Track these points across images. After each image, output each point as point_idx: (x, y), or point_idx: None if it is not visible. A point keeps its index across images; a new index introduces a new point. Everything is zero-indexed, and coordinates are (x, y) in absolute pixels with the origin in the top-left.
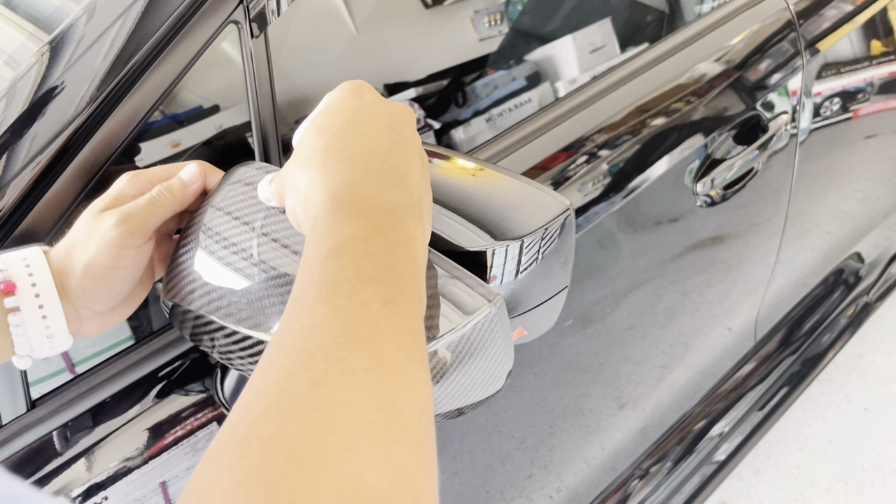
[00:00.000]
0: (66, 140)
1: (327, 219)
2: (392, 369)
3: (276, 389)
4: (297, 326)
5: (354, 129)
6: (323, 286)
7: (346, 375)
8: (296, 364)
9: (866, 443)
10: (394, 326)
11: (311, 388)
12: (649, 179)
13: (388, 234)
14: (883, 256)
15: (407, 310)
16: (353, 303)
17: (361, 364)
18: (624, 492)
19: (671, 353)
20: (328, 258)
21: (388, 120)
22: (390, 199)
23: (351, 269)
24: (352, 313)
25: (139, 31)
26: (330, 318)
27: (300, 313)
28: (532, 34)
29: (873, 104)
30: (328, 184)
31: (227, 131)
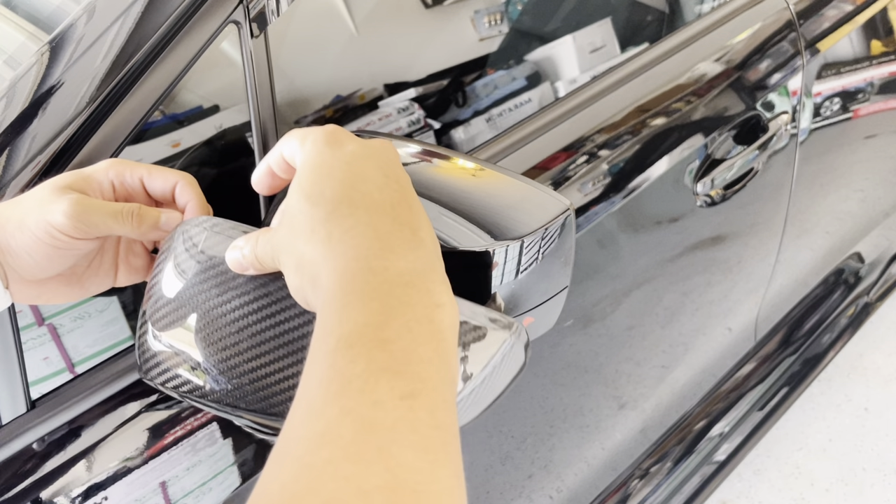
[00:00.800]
0: (65, 140)
1: (336, 303)
2: (413, 483)
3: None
4: (302, 433)
5: (352, 190)
6: (331, 384)
7: (358, 497)
8: (301, 483)
9: (866, 443)
10: (414, 426)
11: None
12: (649, 179)
13: (405, 313)
14: (883, 256)
15: (430, 402)
16: (365, 403)
17: (375, 482)
18: (624, 492)
19: (671, 353)
20: (337, 350)
21: (380, 167)
22: (408, 267)
23: (362, 362)
24: (363, 416)
25: (139, 31)
26: (338, 423)
27: (306, 418)
28: (532, 34)
29: (873, 104)
30: (335, 261)
31: (226, 131)
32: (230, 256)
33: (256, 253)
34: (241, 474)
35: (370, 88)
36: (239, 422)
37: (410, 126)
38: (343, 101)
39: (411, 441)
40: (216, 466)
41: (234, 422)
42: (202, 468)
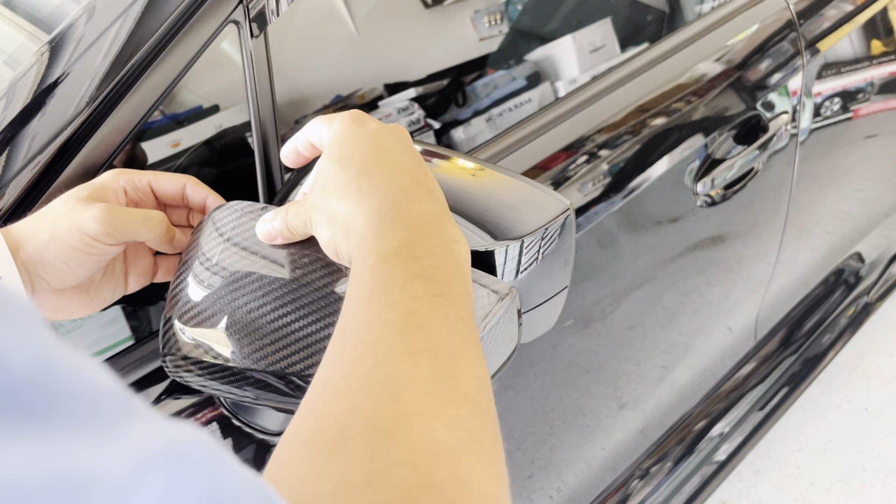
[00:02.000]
0: (65, 140)
1: (372, 233)
2: (449, 349)
3: (343, 374)
4: (354, 323)
5: (377, 155)
6: (375, 288)
7: (406, 356)
8: (358, 352)
9: (866, 443)
10: (446, 315)
11: (375, 369)
12: (649, 179)
13: (430, 241)
14: (883, 256)
15: (457, 302)
16: (405, 297)
17: (420, 346)
18: (624, 492)
19: (671, 353)
20: (377, 265)
21: (398, 140)
22: (428, 210)
23: (399, 271)
24: (405, 306)
25: (139, 31)
26: (385, 311)
27: (356, 312)
28: (532, 34)
29: (873, 104)
30: (367, 206)
31: (226, 131)
32: (260, 228)
33: (287, 221)
34: None
35: (370, 88)
36: (251, 397)
37: (410, 126)
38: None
39: (445, 324)
40: None
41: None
42: None
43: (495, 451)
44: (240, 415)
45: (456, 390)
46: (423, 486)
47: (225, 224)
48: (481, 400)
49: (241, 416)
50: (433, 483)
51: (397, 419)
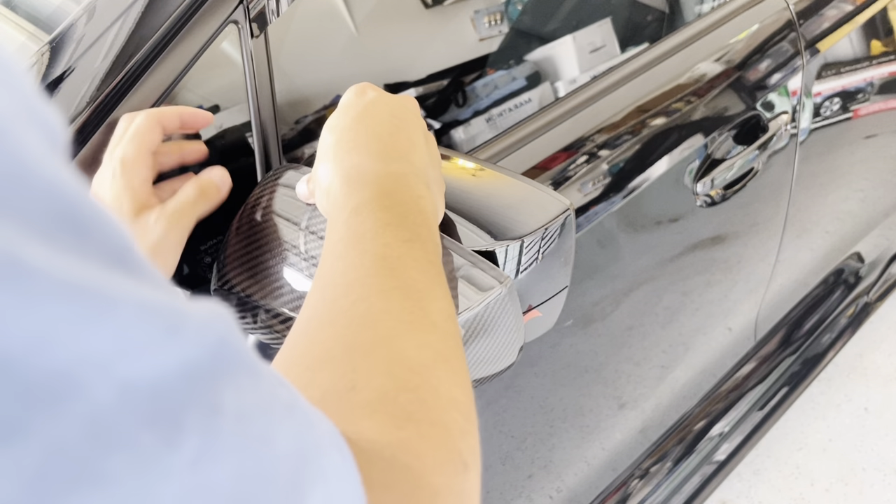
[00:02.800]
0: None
1: (343, 191)
2: (417, 287)
3: (325, 310)
4: (333, 270)
5: (359, 122)
6: (349, 238)
7: (380, 293)
8: (338, 292)
9: (866, 443)
10: (415, 258)
11: (352, 306)
12: (649, 179)
13: (396, 195)
14: (883, 256)
15: (424, 247)
16: (377, 244)
17: (392, 284)
18: (624, 492)
19: (671, 353)
20: (349, 218)
21: (391, 110)
22: (395, 170)
23: (370, 221)
24: (377, 252)
25: (139, 31)
26: (359, 259)
27: (334, 261)
28: (532, 34)
29: (873, 104)
30: (341, 169)
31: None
32: (298, 190)
33: (309, 184)
34: None
35: None
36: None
37: None
38: None
39: (414, 266)
40: None
41: None
42: None
43: (461, 369)
44: None
45: (425, 319)
46: (399, 388)
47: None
48: (447, 328)
49: None
50: (408, 387)
51: (374, 342)
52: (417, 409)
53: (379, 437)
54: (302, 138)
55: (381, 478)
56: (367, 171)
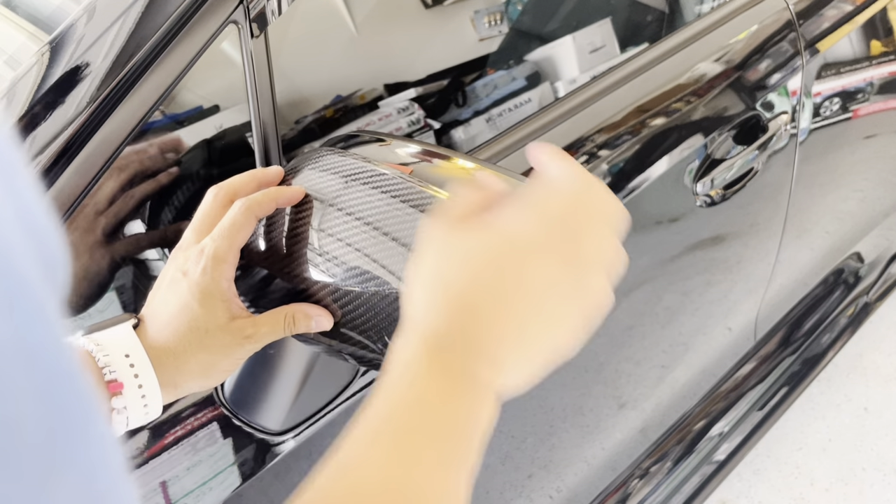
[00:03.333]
0: (66, 140)
1: (419, 359)
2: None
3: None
4: (355, 454)
5: (510, 285)
6: (390, 436)
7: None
8: (347, 482)
9: (866, 442)
10: (446, 488)
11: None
12: (649, 179)
13: (464, 402)
14: (883, 256)
15: (458, 475)
16: (411, 471)
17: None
18: (624, 491)
19: (671, 353)
20: (400, 407)
21: (573, 283)
22: (480, 373)
23: (417, 426)
24: (402, 478)
25: (139, 31)
26: (383, 469)
27: (363, 446)
28: (532, 34)
29: (873, 104)
30: (427, 336)
31: (227, 131)
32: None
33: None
34: (241, 474)
35: (370, 88)
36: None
37: (410, 126)
38: (343, 101)
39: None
40: (216, 466)
41: (244, 402)
42: (202, 468)
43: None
44: (240, 415)
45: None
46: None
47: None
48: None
49: (242, 416)
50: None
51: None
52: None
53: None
54: (302, 138)
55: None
56: (450, 369)
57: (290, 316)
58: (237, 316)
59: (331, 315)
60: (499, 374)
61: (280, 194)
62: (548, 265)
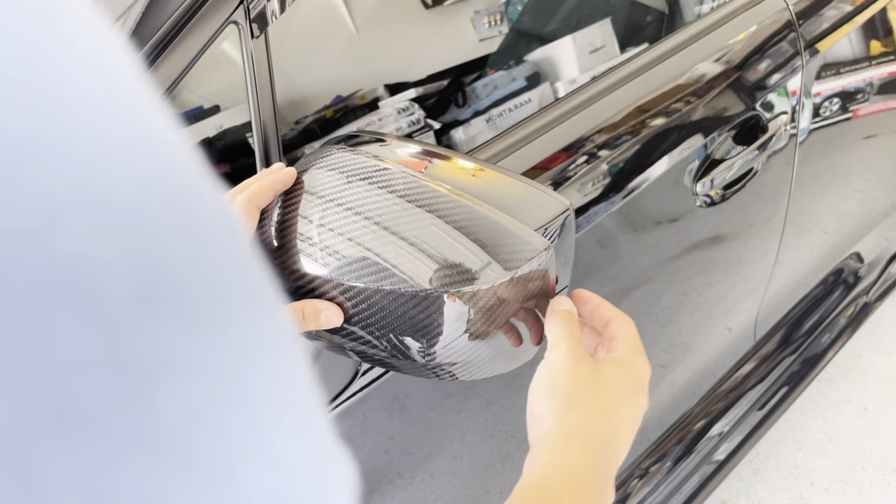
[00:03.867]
0: None
1: (549, 480)
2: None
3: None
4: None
5: (618, 431)
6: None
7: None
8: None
9: (866, 442)
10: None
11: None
12: (649, 179)
13: None
14: (882, 256)
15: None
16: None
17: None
18: (624, 491)
19: (671, 353)
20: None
21: (633, 415)
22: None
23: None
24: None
25: (140, 32)
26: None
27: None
28: (532, 34)
29: (873, 104)
30: (558, 460)
31: (227, 131)
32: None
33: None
34: None
35: (370, 88)
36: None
37: (410, 126)
38: (343, 101)
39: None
40: None
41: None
42: None
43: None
44: None
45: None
46: None
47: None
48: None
49: None
50: None
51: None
52: None
53: None
54: (302, 138)
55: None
56: (575, 481)
57: (300, 311)
58: None
59: (340, 310)
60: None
61: (275, 180)
62: (636, 406)
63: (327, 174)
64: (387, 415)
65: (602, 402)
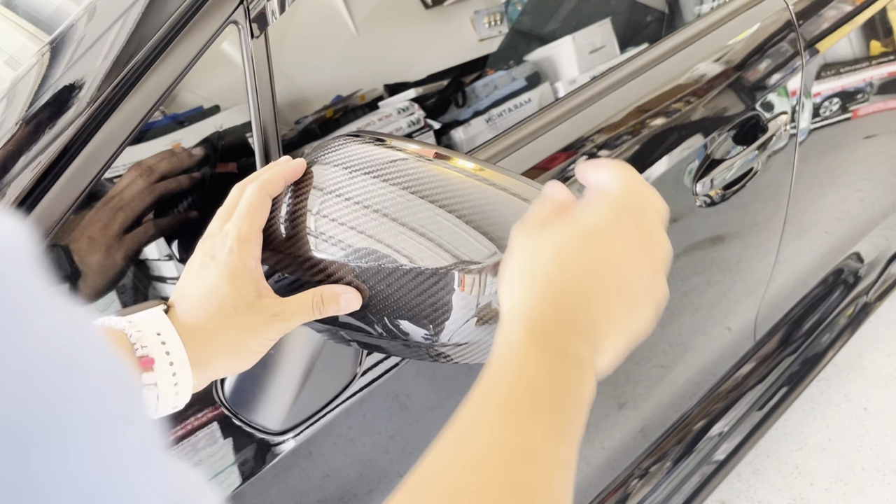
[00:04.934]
0: (66, 141)
1: (520, 342)
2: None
3: (440, 459)
4: (467, 426)
5: (587, 270)
6: (501, 408)
7: (503, 474)
8: (461, 452)
9: (865, 442)
10: (555, 456)
11: (463, 470)
12: (649, 179)
13: (567, 386)
14: (882, 256)
15: (569, 446)
16: (514, 433)
17: (516, 476)
18: (624, 491)
19: (671, 353)
20: (514, 383)
21: (634, 262)
22: (583, 353)
23: (528, 402)
24: (510, 441)
25: (139, 32)
26: (498, 444)
27: (474, 427)
28: (532, 34)
29: (872, 104)
30: (531, 322)
31: (227, 131)
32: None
33: (516, 236)
34: (241, 474)
35: (370, 88)
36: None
37: (410, 126)
38: (343, 101)
39: (552, 479)
40: (216, 466)
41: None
42: (202, 468)
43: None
44: (240, 414)
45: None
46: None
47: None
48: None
49: (242, 416)
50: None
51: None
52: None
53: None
54: (302, 138)
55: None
56: (557, 348)
57: (318, 296)
58: (265, 295)
59: (359, 294)
60: (595, 350)
61: (286, 169)
62: (623, 245)
63: (334, 170)
64: (387, 415)
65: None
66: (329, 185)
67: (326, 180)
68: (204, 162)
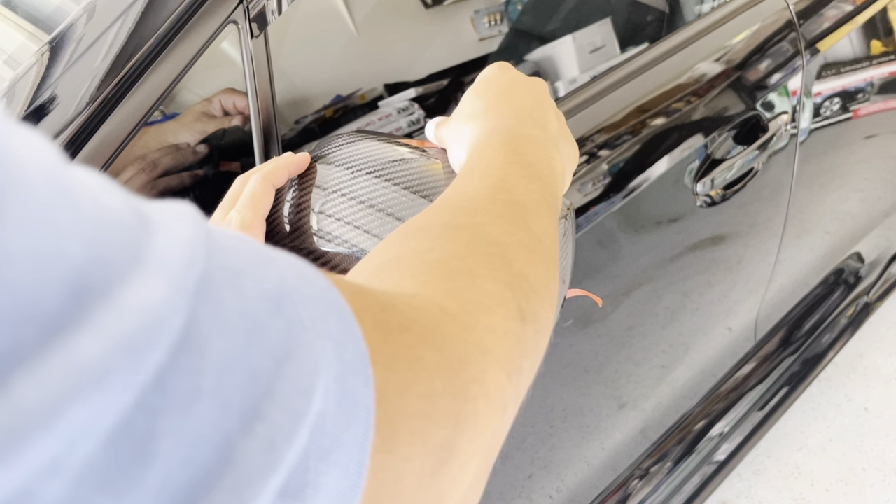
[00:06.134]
0: (66, 141)
1: (483, 139)
2: (529, 203)
3: (434, 207)
4: (461, 190)
5: (506, 93)
6: (481, 167)
7: (490, 202)
8: (452, 196)
9: (866, 443)
10: (530, 190)
11: (462, 204)
12: (649, 179)
13: (531, 149)
14: (883, 256)
15: (542, 186)
16: (502, 176)
17: (505, 199)
18: (624, 492)
19: (671, 353)
20: (485, 152)
21: (529, 88)
22: (534, 134)
23: (502, 157)
24: (502, 179)
25: (139, 31)
26: (483, 185)
27: (465, 182)
28: (532, 34)
29: (873, 104)
30: (487, 125)
31: (227, 131)
32: (427, 131)
33: (437, 134)
34: None
35: (370, 88)
36: None
37: (410, 126)
38: (343, 101)
39: (530, 197)
40: None
41: None
42: None
43: (546, 270)
44: None
45: (527, 230)
46: (470, 252)
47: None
48: (548, 246)
49: None
50: (479, 252)
51: (469, 224)
52: (480, 268)
53: (427, 290)
54: (302, 138)
55: (399, 320)
56: (510, 128)
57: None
58: None
59: None
60: (544, 132)
61: (290, 161)
62: (511, 81)
63: (336, 169)
64: None
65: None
66: (332, 183)
67: (329, 178)
68: (207, 159)
